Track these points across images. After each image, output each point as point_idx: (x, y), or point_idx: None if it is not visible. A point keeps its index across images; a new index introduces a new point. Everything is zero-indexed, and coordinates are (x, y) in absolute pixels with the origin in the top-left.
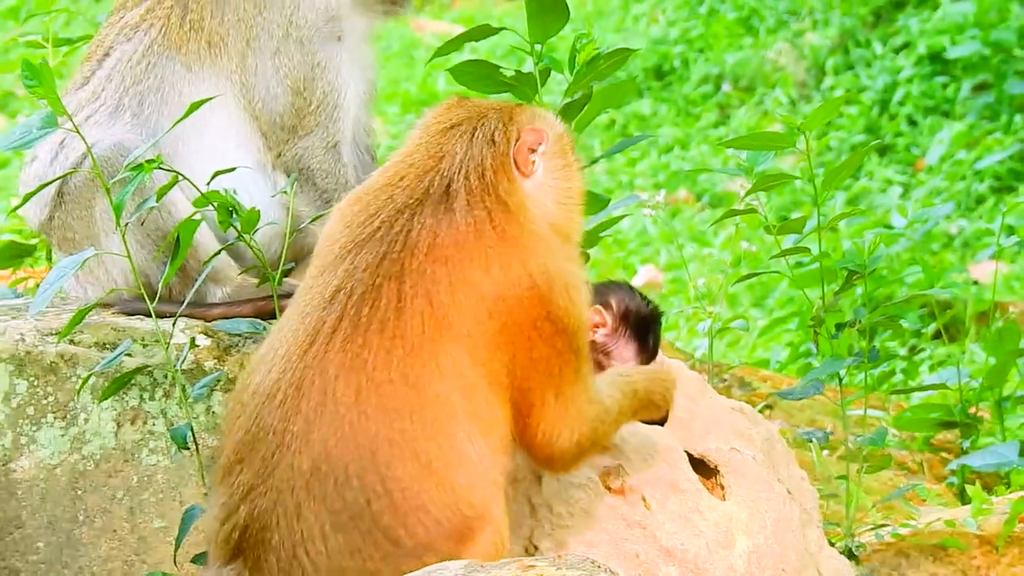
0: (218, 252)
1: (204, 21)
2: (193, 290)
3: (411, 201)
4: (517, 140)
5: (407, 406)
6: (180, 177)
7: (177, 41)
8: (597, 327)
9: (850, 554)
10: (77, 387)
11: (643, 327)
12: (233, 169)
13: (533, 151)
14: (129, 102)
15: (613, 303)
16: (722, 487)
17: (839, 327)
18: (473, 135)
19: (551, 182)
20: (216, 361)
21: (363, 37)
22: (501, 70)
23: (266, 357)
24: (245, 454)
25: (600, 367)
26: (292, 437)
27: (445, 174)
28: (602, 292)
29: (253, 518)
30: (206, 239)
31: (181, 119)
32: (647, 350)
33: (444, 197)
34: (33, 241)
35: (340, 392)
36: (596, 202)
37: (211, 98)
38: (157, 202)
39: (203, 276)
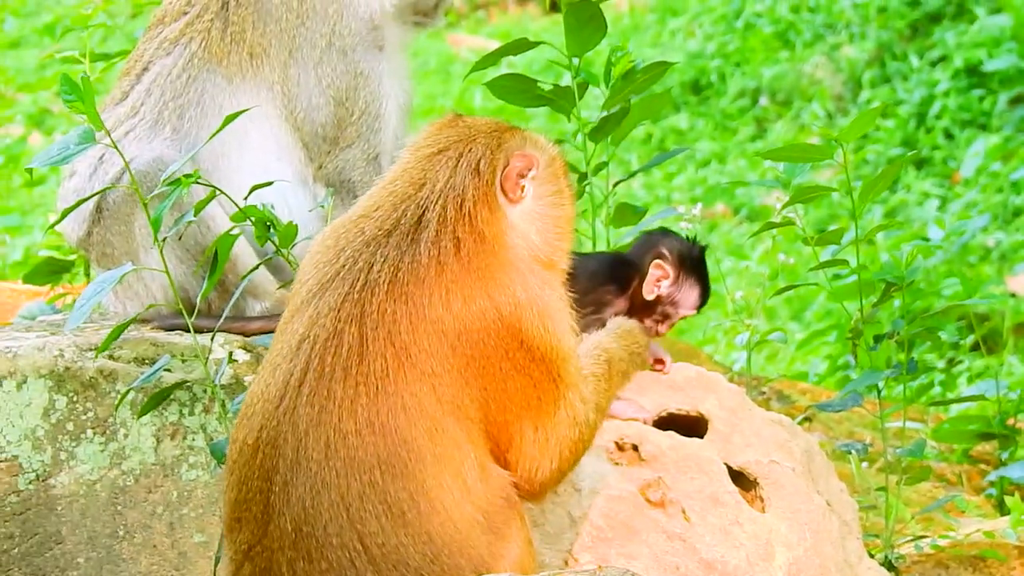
0: (256, 267)
1: (245, 33)
2: (231, 304)
3: (379, 233)
4: (505, 167)
5: (374, 455)
6: (217, 192)
7: (218, 54)
8: (660, 280)
9: (890, 566)
10: (116, 402)
11: (700, 267)
12: (271, 183)
13: (522, 176)
14: (169, 116)
15: (667, 252)
16: (762, 499)
17: (877, 339)
18: (458, 162)
19: (539, 209)
20: (255, 375)
21: (400, 48)
22: (538, 84)
23: (247, 412)
24: (241, 513)
25: (668, 318)
26: (275, 497)
27: (421, 203)
28: (651, 244)
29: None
30: (245, 253)
31: (218, 131)
32: (707, 289)
33: (414, 228)
34: (71, 257)
35: (311, 448)
36: (632, 213)
37: (247, 109)
38: (195, 216)
39: (239, 290)
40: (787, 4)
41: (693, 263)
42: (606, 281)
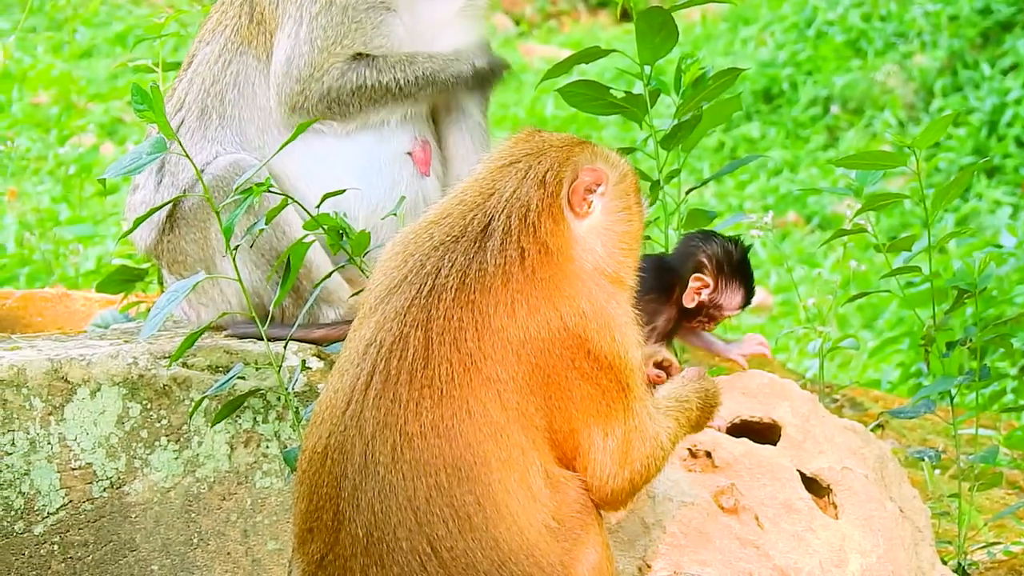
0: (328, 276)
1: (265, 13)
2: (303, 312)
3: (447, 239)
4: (574, 180)
5: (440, 458)
6: (290, 200)
7: (248, 36)
8: (700, 290)
9: (963, 572)
10: (190, 410)
11: (741, 270)
12: (343, 191)
13: (591, 191)
14: (212, 102)
15: (705, 261)
16: (835, 506)
17: (950, 346)
18: (526, 174)
19: (606, 224)
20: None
21: (438, 21)
22: (611, 92)
23: (315, 420)
24: (312, 523)
25: (713, 320)
26: (345, 503)
27: (488, 212)
28: (690, 253)
29: None
30: (321, 259)
31: (289, 141)
32: (751, 289)
33: (480, 236)
34: (144, 266)
35: (378, 451)
36: (702, 217)
37: (316, 119)
38: (267, 224)
39: (312, 298)
40: (858, 12)
41: (733, 267)
42: (650, 290)
